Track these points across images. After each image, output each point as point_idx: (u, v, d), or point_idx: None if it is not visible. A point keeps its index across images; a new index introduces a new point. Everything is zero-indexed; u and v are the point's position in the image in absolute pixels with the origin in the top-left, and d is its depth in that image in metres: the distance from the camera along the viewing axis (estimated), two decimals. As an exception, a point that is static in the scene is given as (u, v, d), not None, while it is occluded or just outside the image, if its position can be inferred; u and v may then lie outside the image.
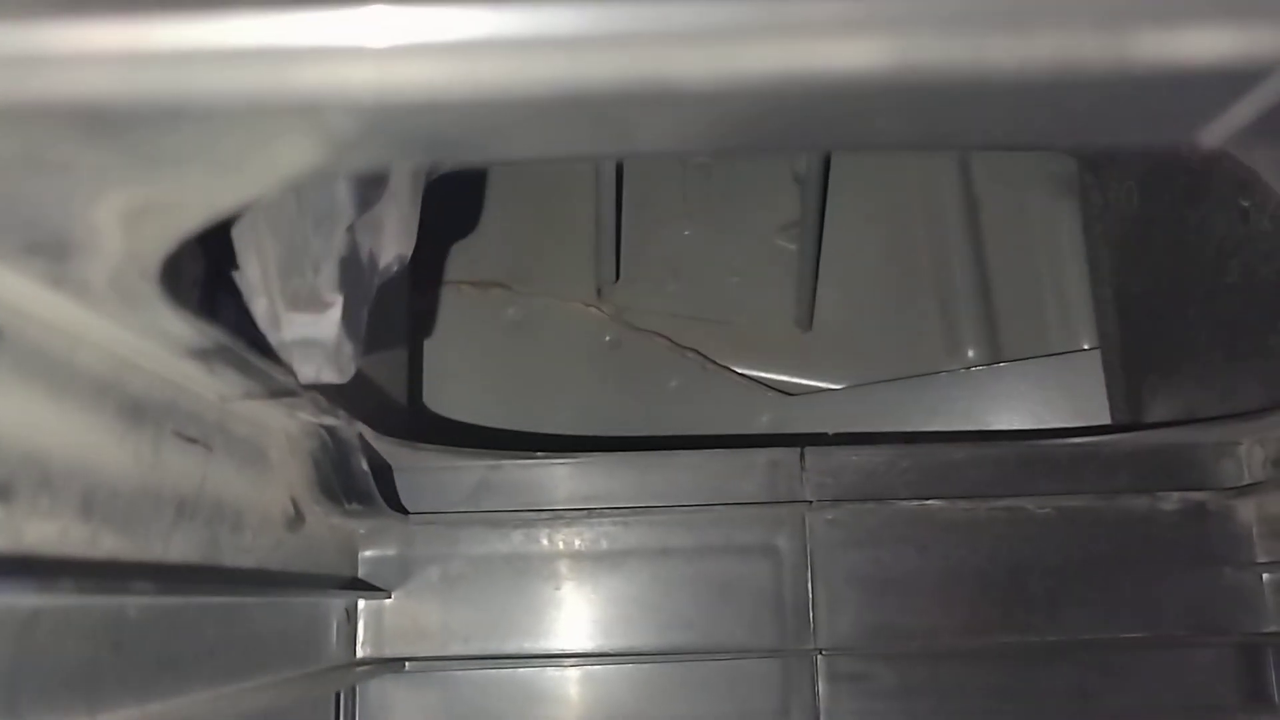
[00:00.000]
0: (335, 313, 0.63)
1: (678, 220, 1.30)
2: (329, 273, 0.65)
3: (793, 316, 1.28)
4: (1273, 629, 0.91)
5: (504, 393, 1.23)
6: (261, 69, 0.27)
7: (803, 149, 1.04)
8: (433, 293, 1.25)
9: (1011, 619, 0.91)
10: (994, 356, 1.25)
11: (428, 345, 1.21)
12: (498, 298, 1.27)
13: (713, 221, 1.30)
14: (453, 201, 1.24)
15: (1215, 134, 0.33)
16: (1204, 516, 0.93)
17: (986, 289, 1.26)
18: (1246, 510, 0.93)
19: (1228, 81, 0.30)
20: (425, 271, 1.24)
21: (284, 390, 0.64)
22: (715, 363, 1.28)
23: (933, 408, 1.23)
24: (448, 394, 1.21)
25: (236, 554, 0.65)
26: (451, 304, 1.26)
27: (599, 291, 1.28)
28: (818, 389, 1.27)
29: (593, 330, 1.28)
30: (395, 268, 0.74)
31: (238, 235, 0.58)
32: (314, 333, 0.62)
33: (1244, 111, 0.31)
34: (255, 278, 0.60)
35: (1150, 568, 0.92)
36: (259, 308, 0.61)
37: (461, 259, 1.27)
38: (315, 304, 0.63)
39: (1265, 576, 0.92)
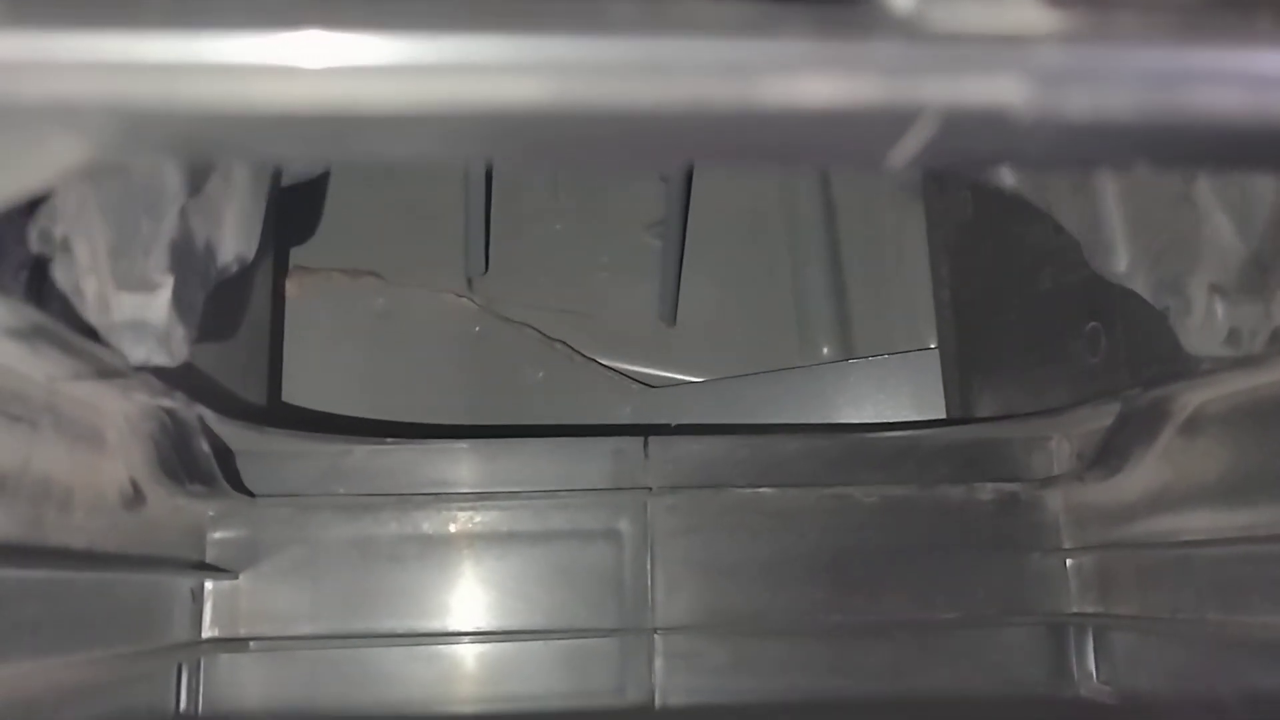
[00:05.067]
0: (165, 294, 0.65)
1: (548, 215, 1.34)
2: (159, 255, 0.67)
3: (658, 311, 1.33)
4: (1074, 610, 0.98)
5: (371, 381, 1.25)
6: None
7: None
8: (302, 279, 1.26)
9: (835, 600, 0.97)
10: (846, 354, 1.31)
11: (295, 332, 1.22)
12: (369, 286, 1.29)
13: (582, 217, 1.34)
14: (322, 189, 1.26)
15: (899, 158, 0.38)
16: (1015, 506, 1.00)
17: (841, 289, 1.33)
18: (1054, 500, 1.00)
19: (889, 122, 0.35)
20: (295, 258, 1.26)
21: (114, 371, 0.66)
22: (582, 355, 1.32)
23: (786, 401, 1.29)
24: (314, 381, 1.22)
25: (64, 533, 0.67)
26: (322, 291, 1.27)
27: (469, 283, 1.31)
28: (680, 382, 1.32)
29: (462, 321, 1.31)
30: (235, 267, 0.76)
31: (66, 216, 0.60)
32: (143, 314, 0.64)
33: (912, 143, 0.36)
34: (84, 258, 0.62)
35: (965, 553, 0.99)
36: (88, 288, 0.63)
37: (334, 247, 1.29)
38: (145, 285, 0.65)
39: (1069, 561, 0.99)
